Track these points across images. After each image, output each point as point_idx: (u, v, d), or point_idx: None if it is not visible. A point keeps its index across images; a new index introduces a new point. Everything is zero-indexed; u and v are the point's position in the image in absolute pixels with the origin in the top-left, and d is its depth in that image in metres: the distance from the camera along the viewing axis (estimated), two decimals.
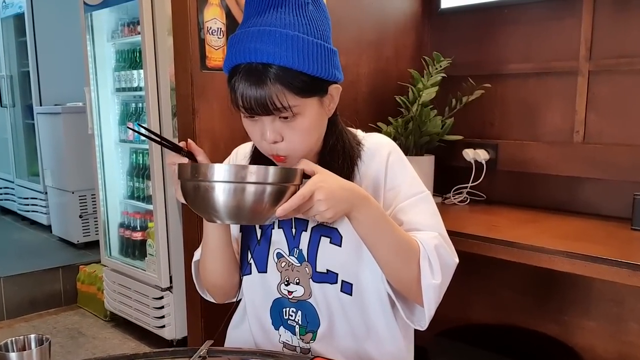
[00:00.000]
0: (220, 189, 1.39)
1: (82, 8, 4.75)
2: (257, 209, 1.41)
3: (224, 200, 1.39)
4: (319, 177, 1.47)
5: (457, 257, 1.69)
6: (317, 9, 1.59)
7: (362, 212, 1.51)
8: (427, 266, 1.59)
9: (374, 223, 1.54)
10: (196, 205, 1.47)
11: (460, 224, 2.88)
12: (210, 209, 1.42)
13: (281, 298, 1.78)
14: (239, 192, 1.39)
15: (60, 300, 5.44)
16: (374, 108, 3.56)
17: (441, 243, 1.63)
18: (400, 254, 1.58)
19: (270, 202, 1.41)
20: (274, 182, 1.40)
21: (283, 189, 1.42)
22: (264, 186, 1.39)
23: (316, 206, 1.43)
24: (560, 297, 3.11)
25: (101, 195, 4.95)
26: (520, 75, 3.38)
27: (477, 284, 3.41)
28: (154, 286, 4.36)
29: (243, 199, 1.39)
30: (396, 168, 1.72)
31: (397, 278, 1.63)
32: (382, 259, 1.60)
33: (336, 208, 1.45)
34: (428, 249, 1.59)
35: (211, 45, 2.98)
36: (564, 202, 3.22)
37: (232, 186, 1.38)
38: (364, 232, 1.55)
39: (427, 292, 1.59)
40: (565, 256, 2.38)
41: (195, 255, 1.93)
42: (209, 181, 1.39)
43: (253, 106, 1.51)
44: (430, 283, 1.59)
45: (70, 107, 6.45)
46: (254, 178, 1.39)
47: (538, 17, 3.30)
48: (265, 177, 1.40)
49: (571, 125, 3.18)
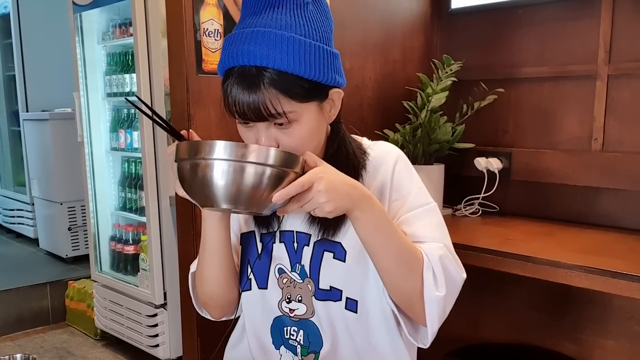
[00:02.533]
0: (218, 167, 1.40)
1: (71, 8, 4.77)
2: (255, 193, 1.42)
3: (221, 180, 1.41)
4: (321, 168, 1.49)
5: (464, 272, 1.69)
6: (318, 10, 1.60)
7: (364, 211, 1.51)
8: (430, 277, 1.58)
9: (376, 225, 1.54)
10: (193, 188, 1.48)
11: (471, 237, 2.88)
12: (207, 190, 1.43)
13: (282, 316, 1.79)
14: (238, 171, 1.40)
15: (47, 317, 5.45)
16: (380, 114, 3.57)
17: (447, 254, 1.63)
18: (403, 262, 1.57)
19: (269, 186, 1.42)
20: (275, 164, 1.41)
21: (283, 174, 1.43)
22: (263, 168, 1.41)
23: (316, 197, 1.44)
24: (578, 315, 3.10)
25: (91, 207, 4.96)
26: (535, 80, 3.38)
27: (490, 300, 3.41)
28: (147, 303, 4.36)
29: (241, 179, 1.40)
30: (402, 177, 1.72)
31: (398, 289, 1.62)
32: (383, 266, 1.59)
33: (337, 202, 1.46)
34: (432, 260, 1.59)
35: (208, 48, 2.99)
36: (582, 214, 3.21)
37: (230, 165, 1.40)
38: (365, 234, 1.55)
39: (430, 305, 1.59)
40: (583, 271, 2.37)
41: (192, 266, 1.93)
42: (207, 158, 1.41)
43: (246, 112, 1.52)
44: (434, 295, 1.58)
45: (59, 113, 6.46)
46: (254, 158, 1.40)
47: (554, 17, 3.30)
48: (266, 158, 1.41)
49: (589, 133, 3.18)
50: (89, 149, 4.87)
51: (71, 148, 5.41)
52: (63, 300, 5.47)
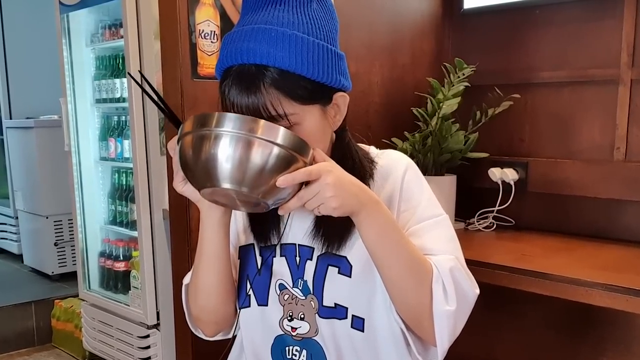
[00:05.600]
0: (225, 139, 1.40)
1: (58, 8, 4.77)
2: (261, 173, 1.42)
3: (227, 153, 1.40)
4: (329, 163, 1.49)
5: (477, 287, 1.68)
6: (323, 8, 1.61)
7: (371, 215, 1.52)
8: (440, 290, 1.58)
9: (383, 231, 1.54)
10: (194, 165, 1.47)
11: (485, 253, 2.89)
12: (209, 165, 1.43)
13: (284, 335, 1.79)
14: (245, 146, 1.40)
15: (32, 339, 5.45)
16: (388, 122, 3.57)
17: (458, 266, 1.63)
18: (411, 272, 1.57)
19: (276, 167, 1.42)
20: (284, 144, 1.42)
21: (291, 158, 1.43)
22: (271, 146, 1.41)
23: (322, 191, 1.44)
24: (599, 336, 3.10)
25: (79, 221, 4.96)
26: (553, 85, 3.38)
27: (505, 320, 3.41)
28: (139, 323, 4.36)
29: (247, 155, 1.40)
30: (412, 187, 1.73)
31: (405, 303, 1.62)
32: (390, 277, 1.59)
33: (344, 199, 1.46)
34: (442, 271, 1.59)
35: (203, 51, 3.00)
36: (603, 228, 3.21)
37: (238, 138, 1.40)
38: (371, 240, 1.55)
39: (439, 320, 1.58)
40: (605, 289, 2.37)
41: (186, 279, 1.93)
42: (214, 130, 1.41)
43: (245, 114, 1.52)
44: (444, 310, 1.58)
45: (44, 120, 6.48)
46: (263, 134, 1.41)
47: (574, 18, 3.30)
48: (276, 136, 1.41)
49: (611, 141, 3.18)
50: (77, 159, 4.88)
51: (58, 158, 5.43)
52: (49, 320, 5.48)
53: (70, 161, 4.88)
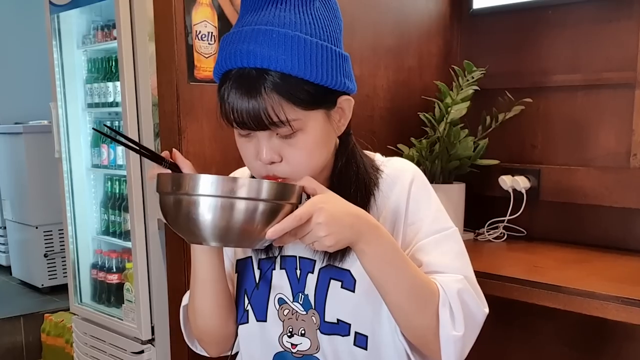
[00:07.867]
0: (205, 204, 1.40)
1: (48, 8, 4.76)
2: (247, 230, 1.43)
3: (209, 218, 1.41)
4: (320, 197, 1.48)
5: (486, 306, 1.68)
6: (326, 7, 1.61)
7: (370, 244, 1.51)
8: (447, 314, 1.58)
9: (384, 258, 1.54)
10: (177, 224, 1.49)
11: (495, 265, 2.89)
12: (193, 227, 1.43)
13: (284, 352, 1.79)
14: (227, 208, 1.40)
15: (21, 354, 5.46)
16: (394, 127, 3.57)
17: (466, 287, 1.62)
18: (416, 297, 1.57)
19: (263, 222, 1.43)
20: (268, 198, 1.42)
21: (277, 207, 1.44)
22: (256, 203, 1.41)
23: (315, 231, 1.43)
24: (615, 352, 3.10)
25: (70, 231, 4.95)
26: (566, 89, 3.38)
27: (516, 334, 3.41)
28: (133, 338, 4.36)
29: (231, 217, 1.41)
30: (419, 198, 1.72)
31: (411, 327, 1.62)
32: (393, 303, 1.59)
33: (338, 235, 1.45)
34: (449, 294, 1.59)
35: (200, 53, 3.00)
36: (619, 239, 3.21)
37: (218, 201, 1.40)
38: (372, 268, 1.54)
39: (446, 345, 1.58)
40: (621, 303, 2.37)
41: (184, 299, 1.93)
42: (192, 194, 1.41)
43: (245, 120, 1.52)
44: (451, 335, 1.58)
45: (34, 126, 6.49)
46: (245, 193, 1.40)
47: (588, 19, 3.30)
48: (259, 192, 1.41)
49: (627, 148, 3.18)
50: (68, 166, 4.87)
51: (47, 165, 5.43)
52: (39, 335, 5.48)
53: (61, 168, 4.86)
